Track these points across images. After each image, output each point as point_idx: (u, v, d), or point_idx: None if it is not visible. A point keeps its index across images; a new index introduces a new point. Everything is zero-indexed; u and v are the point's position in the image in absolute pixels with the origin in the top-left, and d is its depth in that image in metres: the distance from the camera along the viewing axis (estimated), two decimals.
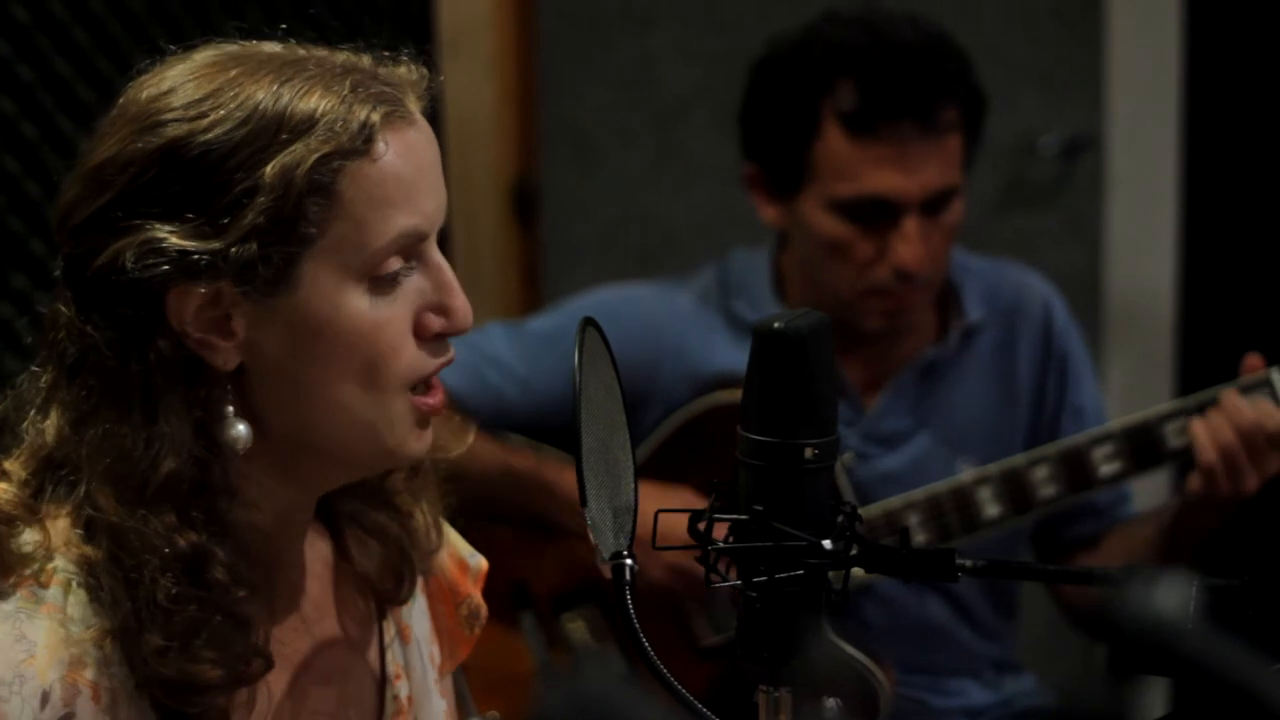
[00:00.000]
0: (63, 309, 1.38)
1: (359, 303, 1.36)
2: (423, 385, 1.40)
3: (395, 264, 1.37)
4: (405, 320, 1.38)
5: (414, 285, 1.39)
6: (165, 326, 1.34)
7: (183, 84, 1.35)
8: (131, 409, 1.35)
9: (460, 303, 1.40)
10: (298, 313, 1.35)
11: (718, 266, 2.56)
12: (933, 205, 2.37)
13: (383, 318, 1.36)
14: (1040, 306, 2.54)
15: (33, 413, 1.40)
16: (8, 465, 1.41)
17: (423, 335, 1.39)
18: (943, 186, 2.37)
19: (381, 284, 1.37)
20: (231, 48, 1.40)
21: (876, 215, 2.36)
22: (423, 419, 1.41)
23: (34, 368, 1.42)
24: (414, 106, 1.40)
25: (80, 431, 1.37)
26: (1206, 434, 2.22)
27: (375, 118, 1.35)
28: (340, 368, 1.36)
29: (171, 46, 1.40)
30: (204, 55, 1.39)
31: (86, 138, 1.40)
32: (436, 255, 1.40)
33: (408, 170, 1.37)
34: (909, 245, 2.35)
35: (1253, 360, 2.26)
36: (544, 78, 3.55)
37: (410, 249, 1.38)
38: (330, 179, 1.33)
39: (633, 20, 3.50)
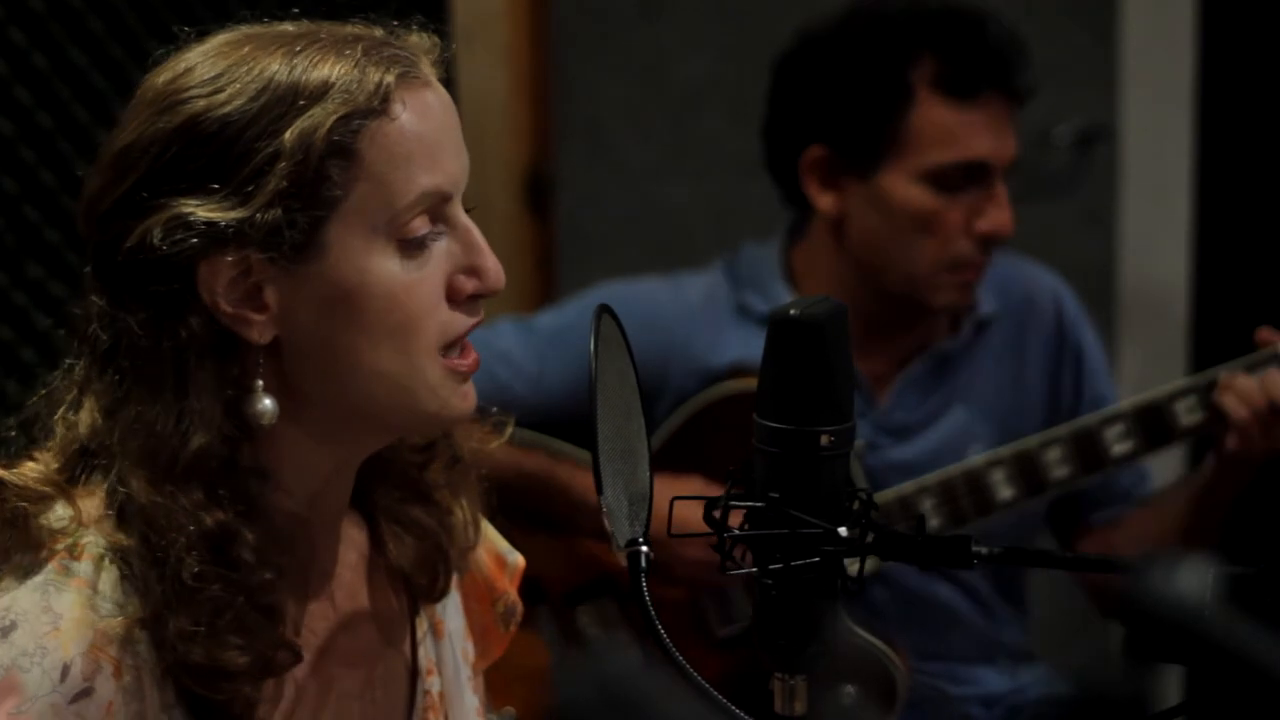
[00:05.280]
0: (95, 300, 1.39)
1: (389, 266, 1.36)
2: (456, 348, 1.41)
3: (422, 226, 1.38)
4: (436, 283, 1.39)
5: (443, 249, 1.40)
6: (197, 303, 1.36)
7: (198, 64, 1.37)
8: (163, 388, 1.36)
9: (491, 263, 1.41)
10: (327, 279, 1.36)
11: (726, 260, 2.55)
12: (1005, 175, 2.41)
13: (413, 280, 1.37)
14: (1051, 300, 2.54)
15: (63, 409, 1.41)
16: (39, 456, 1.42)
17: (455, 298, 1.40)
18: (1016, 156, 2.40)
19: (410, 248, 1.37)
20: (245, 29, 1.41)
21: (969, 182, 2.37)
22: (461, 378, 1.41)
23: (66, 364, 1.43)
24: (429, 70, 1.41)
25: (113, 418, 1.38)
26: (1235, 398, 2.25)
27: (389, 79, 1.36)
28: (374, 333, 1.37)
29: (187, 29, 1.42)
30: (218, 38, 1.41)
31: (103, 127, 1.41)
32: (463, 217, 1.41)
33: (428, 129, 1.38)
34: (1002, 210, 2.38)
35: (1264, 334, 2.27)
36: (558, 68, 3.55)
37: (436, 211, 1.39)
38: (350, 140, 1.35)
39: (647, 11, 3.49)
